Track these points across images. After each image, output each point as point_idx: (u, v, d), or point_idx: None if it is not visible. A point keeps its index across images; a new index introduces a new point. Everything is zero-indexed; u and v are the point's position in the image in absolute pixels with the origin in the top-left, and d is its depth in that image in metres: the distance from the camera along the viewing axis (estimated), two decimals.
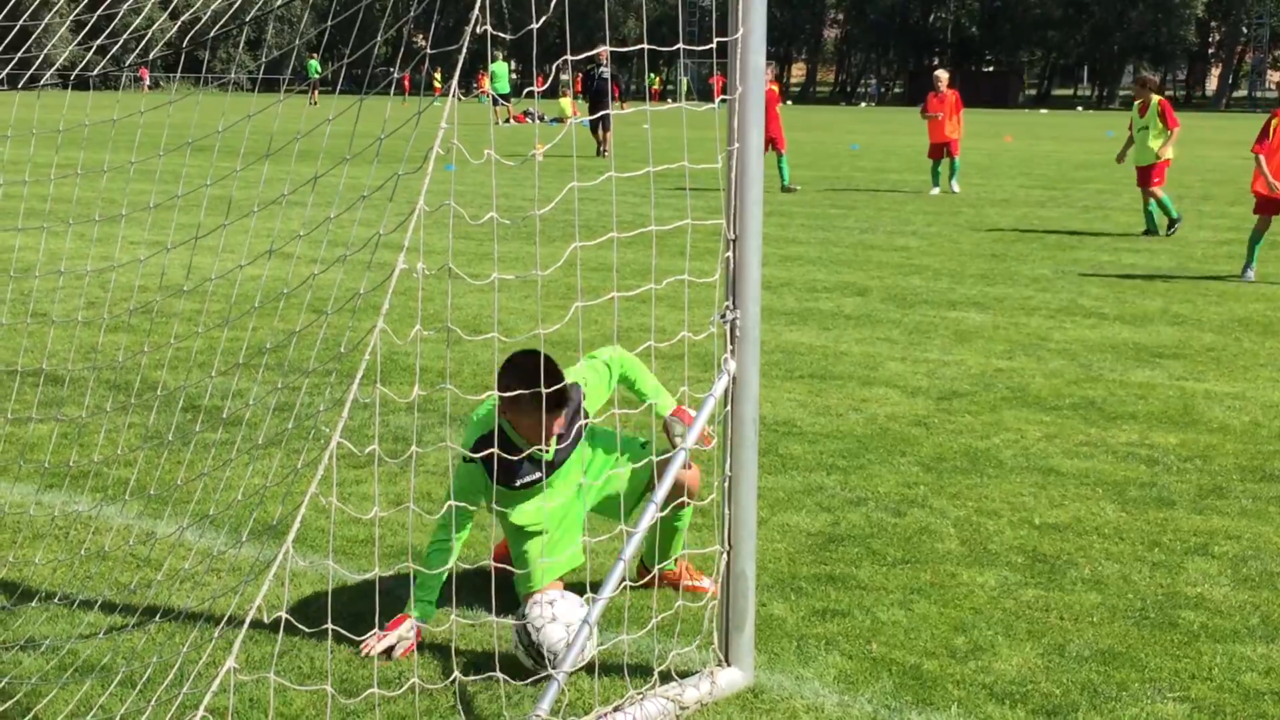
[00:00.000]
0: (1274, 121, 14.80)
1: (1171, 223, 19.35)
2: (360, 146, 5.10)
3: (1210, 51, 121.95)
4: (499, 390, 5.11)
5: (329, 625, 4.93)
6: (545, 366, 4.91)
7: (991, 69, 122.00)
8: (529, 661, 5.03)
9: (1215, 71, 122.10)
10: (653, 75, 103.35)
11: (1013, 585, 6.03)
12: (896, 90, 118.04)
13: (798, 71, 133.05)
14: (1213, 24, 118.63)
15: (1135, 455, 8.09)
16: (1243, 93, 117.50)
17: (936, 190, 25.63)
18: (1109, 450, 8.19)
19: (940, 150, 25.84)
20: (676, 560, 5.83)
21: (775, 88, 28.50)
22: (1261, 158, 14.96)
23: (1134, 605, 5.82)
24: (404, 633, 5.24)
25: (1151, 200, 19.40)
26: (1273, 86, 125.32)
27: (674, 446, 5.36)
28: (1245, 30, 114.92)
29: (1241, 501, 7.25)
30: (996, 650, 5.35)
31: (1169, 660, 5.28)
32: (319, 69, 59.71)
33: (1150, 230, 19.38)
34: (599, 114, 31.45)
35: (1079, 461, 7.95)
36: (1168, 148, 19.33)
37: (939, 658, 5.27)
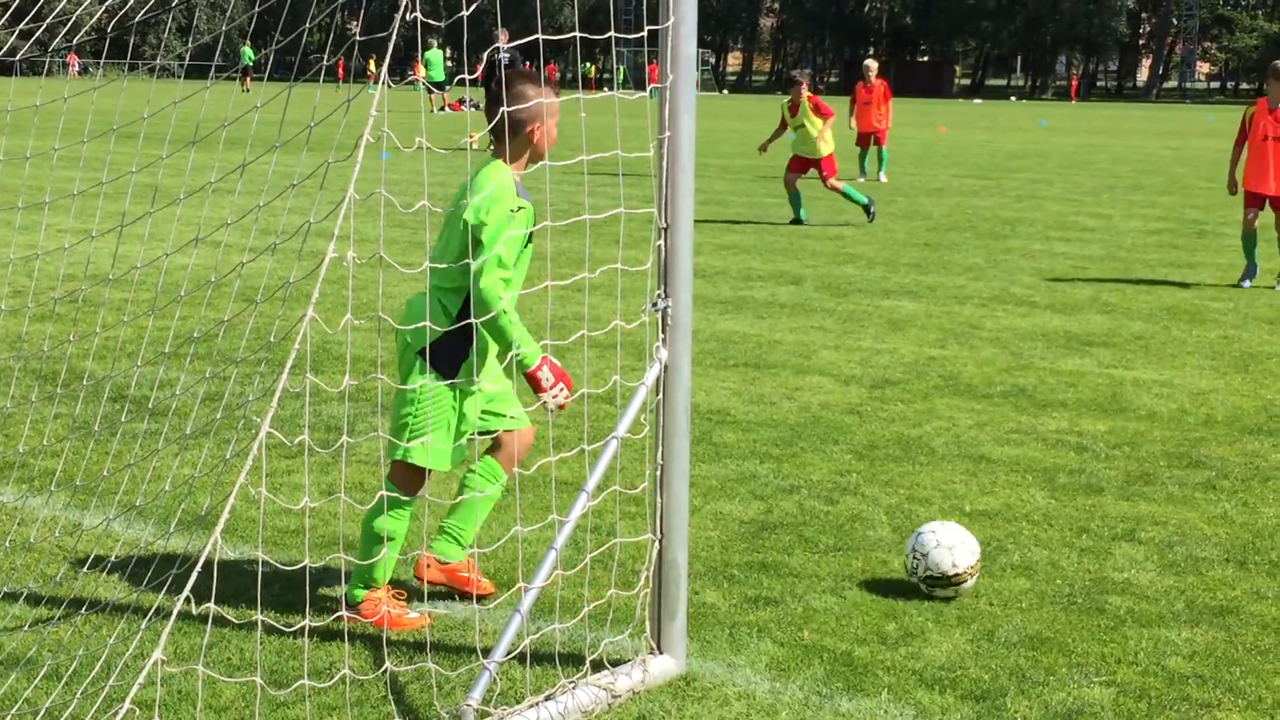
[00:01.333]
0: (1249, 112, 14.41)
1: (866, 210, 19.08)
2: (290, 133, 5.06)
3: (1141, 43, 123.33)
4: (532, 97, 5.14)
5: (259, 616, 4.90)
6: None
7: (926, 59, 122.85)
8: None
9: (1146, 63, 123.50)
10: (588, 64, 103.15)
11: None
12: (832, 79, 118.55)
13: (734, 60, 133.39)
14: (1143, 15, 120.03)
15: (1065, 442, 8.17)
16: (1173, 84, 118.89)
17: (863, 179, 25.75)
18: (1039, 437, 8.26)
19: (868, 140, 25.97)
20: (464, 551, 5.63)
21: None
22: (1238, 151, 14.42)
23: (1062, 591, 5.87)
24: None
25: (840, 188, 19.10)
26: (1201, 78, 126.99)
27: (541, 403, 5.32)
28: (1175, 22, 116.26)
29: (1168, 488, 7.34)
30: (927, 636, 5.39)
31: (1096, 645, 5.34)
32: (252, 56, 59.15)
33: (797, 220, 18.95)
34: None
35: (1009, 449, 8.01)
36: (827, 141, 19.23)
37: (870, 644, 5.30)
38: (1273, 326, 11.98)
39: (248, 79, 57.00)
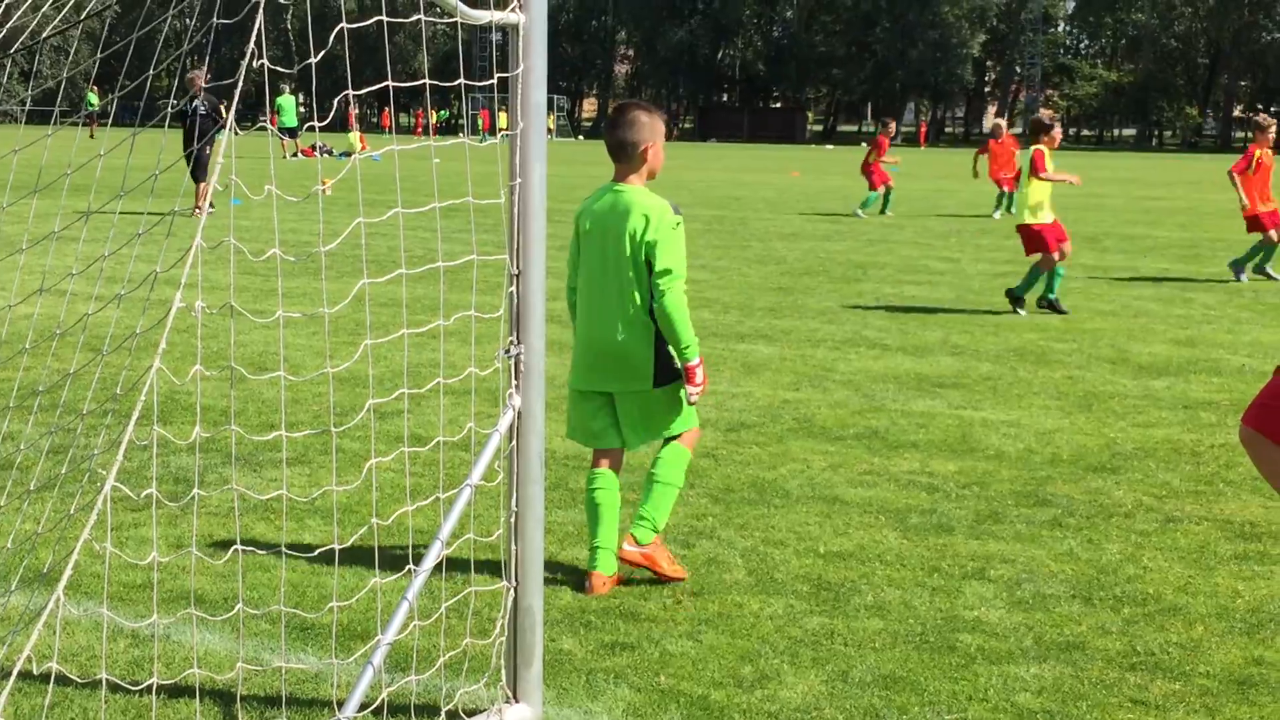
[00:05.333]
0: (1257, 153, 16.95)
1: None
2: (136, 180, 4.98)
3: (987, 90, 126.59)
4: (664, 138, 6.23)
5: (104, 675, 4.78)
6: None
7: (779, 105, 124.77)
8: None
9: (991, 109, 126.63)
10: (445, 111, 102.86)
11: (798, 614, 6.12)
12: (686, 125, 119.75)
13: (589, 107, 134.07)
14: (988, 64, 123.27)
15: (916, 483, 8.30)
16: (1018, 130, 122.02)
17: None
18: (891, 479, 8.38)
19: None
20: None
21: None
22: (1237, 178, 17.86)
23: (914, 630, 5.96)
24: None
25: None
26: None
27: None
28: (1019, 70, 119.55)
29: (1016, 526, 7.49)
30: (782, 678, 5.42)
31: (947, 683, 5.42)
32: (96, 101, 58.10)
33: None
34: (193, 158, 20.39)
35: (862, 490, 8.12)
36: None
37: (726, 687, 5.33)
38: (1114, 367, 12.32)
39: (94, 124, 55.97)
